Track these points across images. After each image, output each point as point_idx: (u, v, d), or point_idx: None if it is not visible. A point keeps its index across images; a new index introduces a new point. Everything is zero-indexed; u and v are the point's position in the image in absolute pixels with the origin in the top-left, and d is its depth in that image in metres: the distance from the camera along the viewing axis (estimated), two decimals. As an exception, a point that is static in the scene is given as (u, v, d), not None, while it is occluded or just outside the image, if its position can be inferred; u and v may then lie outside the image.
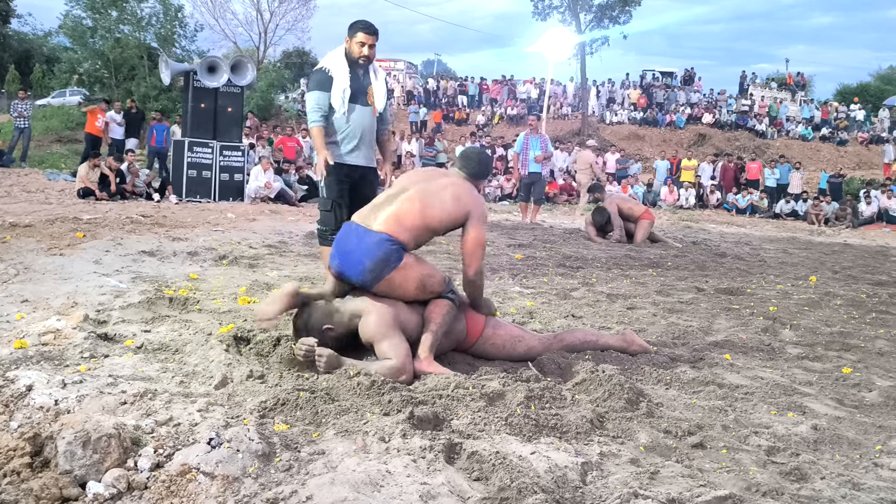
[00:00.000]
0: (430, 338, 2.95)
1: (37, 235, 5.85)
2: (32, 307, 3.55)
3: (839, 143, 27.90)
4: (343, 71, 4.30)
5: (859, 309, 5.03)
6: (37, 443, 1.95)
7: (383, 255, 2.94)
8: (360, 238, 2.99)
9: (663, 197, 18.21)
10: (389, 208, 3.05)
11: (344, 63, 4.33)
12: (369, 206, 3.16)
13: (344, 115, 4.32)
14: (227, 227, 7.76)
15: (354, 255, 2.97)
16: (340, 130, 4.36)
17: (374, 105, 4.42)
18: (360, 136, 4.37)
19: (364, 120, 4.39)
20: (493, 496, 1.84)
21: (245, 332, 3.16)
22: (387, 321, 2.88)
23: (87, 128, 15.14)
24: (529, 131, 10.92)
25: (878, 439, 2.50)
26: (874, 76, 46.59)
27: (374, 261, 2.94)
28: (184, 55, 25.76)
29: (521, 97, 29.55)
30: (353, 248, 2.99)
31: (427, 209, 3.04)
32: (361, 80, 4.37)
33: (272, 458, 1.98)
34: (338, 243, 3.10)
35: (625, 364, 3.16)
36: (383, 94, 4.47)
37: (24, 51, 35.40)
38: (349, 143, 4.37)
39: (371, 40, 4.29)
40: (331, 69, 4.33)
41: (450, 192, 3.11)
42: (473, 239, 3.11)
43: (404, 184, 3.18)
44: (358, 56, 4.30)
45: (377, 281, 2.96)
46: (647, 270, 6.36)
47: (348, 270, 3.00)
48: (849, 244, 11.42)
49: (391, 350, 2.81)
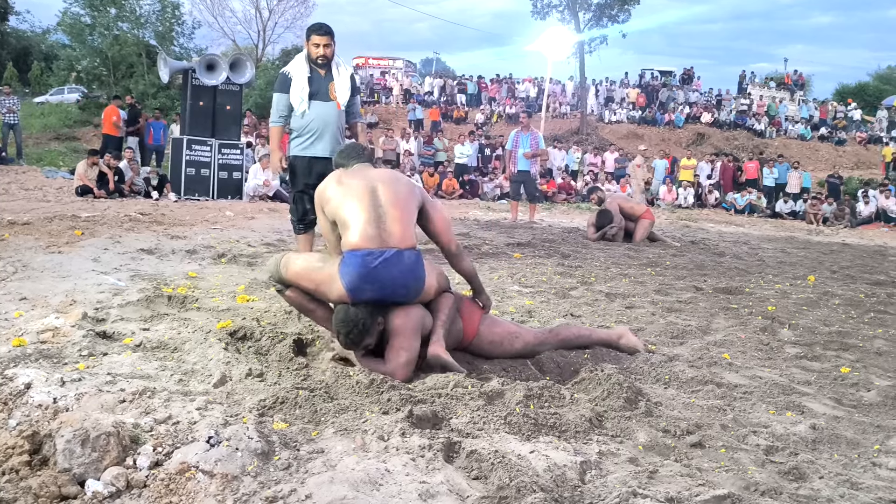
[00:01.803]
0: (440, 327, 2.95)
1: (35, 233, 5.84)
2: (31, 305, 3.55)
3: (838, 143, 27.94)
4: (302, 72, 4.80)
5: (858, 308, 5.04)
6: (35, 441, 1.94)
7: (420, 270, 2.91)
8: (393, 264, 2.82)
9: (662, 196, 18.23)
10: (389, 221, 2.90)
11: (304, 65, 4.82)
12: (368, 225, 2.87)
13: (304, 111, 4.79)
14: (225, 226, 7.75)
15: (398, 282, 2.85)
16: (303, 126, 4.85)
17: (336, 100, 4.86)
18: (322, 129, 4.84)
19: (326, 114, 4.85)
20: (491, 495, 1.84)
21: (244, 330, 3.16)
22: (411, 325, 2.85)
23: (105, 129, 14.82)
24: (520, 129, 10.81)
25: (876, 439, 2.50)
26: (873, 76, 46.68)
27: (417, 279, 2.90)
28: (182, 53, 25.75)
29: (520, 96, 29.54)
30: (392, 275, 2.82)
31: (407, 207, 2.98)
32: (323, 78, 4.84)
33: (271, 456, 1.98)
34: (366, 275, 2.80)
35: (624, 363, 3.17)
36: (346, 88, 4.90)
37: (23, 48, 35.32)
38: (311, 137, 4.85)
39: (324, 41, 4.77)
40: (290, 71, 4.83)
41: (403, 184, 3.07)
42: (441, 217, 3.13)
43: (361, 191, 2.94)
44: (315, 56, 4.79)
45: (418, 296, 2.93)
46: (645, 269, 6.36)
47: (390, 296, 2.87)
48: (847, 244, 11.43)
49: (396, 354, 2.79)
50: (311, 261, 3.00)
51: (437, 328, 2.95)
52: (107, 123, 14.77)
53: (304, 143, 4.86)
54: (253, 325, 3.25)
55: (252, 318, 3.50)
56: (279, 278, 3.00)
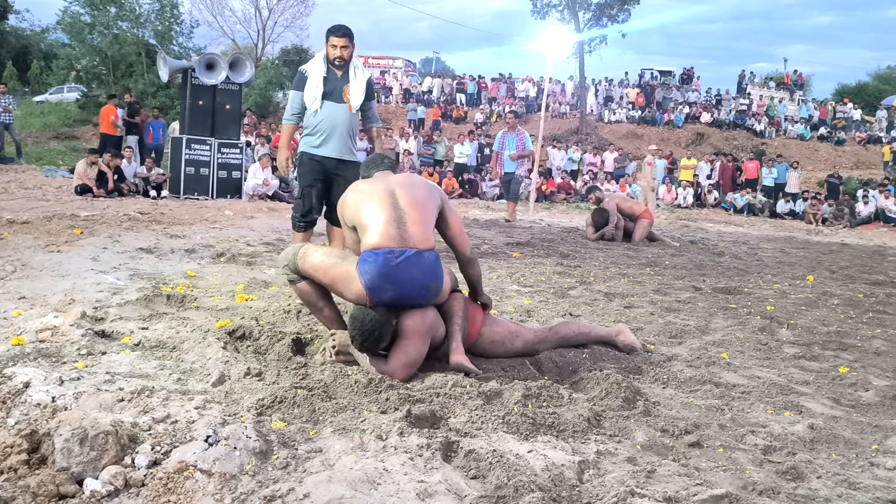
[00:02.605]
0: (458, 332, 2.95)
1: (34, 232, 5.83)
2: (30, 304, 3.55)
3: (837, 143, 27.94)
4: (318, 71, 4.81)
5: (856, 308, 5.04)
6: (34, 440, 1.95)
7: (440, 271, 2.89)
8: (413, 263, 2.80)
9: (661, 196, 18.23)
10: (409, 222, 2.88)
11: (321, 64, 4.83)
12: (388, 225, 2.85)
13: (316, 111, 4.80)
14: (224, 225, 7.75)
15: (418, 282, 2.82)
16: (313, 124, 4.85)
17: (348, 102, 4.87)
18: (332, 130, 4.84)
19: (336, 115, 4.85)
20: (489, 494, 1.84)
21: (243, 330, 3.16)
22: (424, 329, 2.83)
23: (102, 128, 14.84)
24: (507, 129, 10.67)
25: (874, 438, 2.51)
26: (872, 76, 46.70)
27: (437, 280, 2.88)
28: (182, 52, 25.73)
29: (520, 95, 29.54)
30: (413, 275, 2.80)
31: (427, 209, 2.98)
32: (339, 79, 4.86)
33: (269, 455, 1.98)
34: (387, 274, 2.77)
35: (622, 363, 3.17)
36: (361, 92, 4.91)
37: (22, 47, 35.28)
38: (320, 137, 4.86)
39: (342, 42, 4.79)
40: (308, 70, 4.84)
41: (421, 186, 3.07)
42: (458, 221, 3.15)
43: (379, 195, 2.94)
44: (333, 58, 4.81)
45: (435, 297, 2.92)
46: (644, 269, 6.37)
47: (409, 296, 2.83)
48: (846, 244, 11.44)
49: (400, 355, 2.77)
50: (331, 255, 2.96)
51: (454, 334, 2.94)
52: (104, 123, 14.75)
53: (313, 141, 4.88)
54: (252, 325, 3.26)
55: (251, 317, 3.50)
56: (295, 268, 2.96)
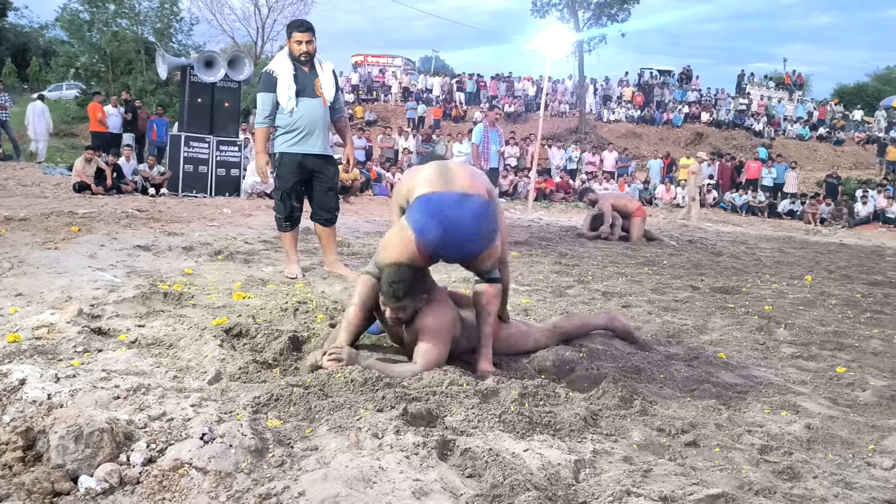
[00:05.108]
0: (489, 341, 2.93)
1: (32, 229, 5.82)
2: (26, 301, 3.54)
3: (836, 143, 27.95)
4: (287, 70, 4.73)
5: (854, 308, 5.05)
6: (29, 437, 1.94)
7: (493, 221, 2.79)
8: (461, 203, 2.69)
9: (659, 195, 18.25)
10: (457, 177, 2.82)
11: (287, 62, 4.75)
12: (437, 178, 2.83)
13: (293, 109, 4.72)
14: (222, 223, 7.74)
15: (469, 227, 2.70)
16: (290, 123, 4.77)
17: (323, 96, 4.81)
18: (311, 125, 4.78)
19: (314, 111, 4.78)
20: (485, 493, 1.84)
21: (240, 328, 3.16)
22: (445, 327, 2.81)
23: (91, 126, 14.80)
24: (488, 124, 10.15)
25: (871, 439, 2.51)
26: (872, 76, 46.73)
27: (490, 229, 2.77)
28: (181, 50, 25.70)
29: (519, 94, 29.54)
30: (460, 214, 2.69)
31: (475, 178, 2.93)
32: (308, 75, 4.78)
33: (265, 453, 1.97)
34: (429, 210, 2.71)
35: (619, 362, 3.17)
36: (331, 84, 4.86)
37: (21, 44, 35.26)
38: (300, 134, 4.75)
39: (306, 37, 4.71)
40: (275, 70, 4.75)
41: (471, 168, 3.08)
42: (503, 221, 3.07)
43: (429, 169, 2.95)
44: (298, 54, 4.72)
45: (484, 250, 2.79)
46: (642, 268, 6.37)
47: (458, 238, 2.71)
48: (845, 244, 11.45)
49: (425, 354, 2.75)
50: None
51: (486, 343, 2.94)
52: (92, 121, 14.73)
53: (292, 139, 4.77)
54: (248, 323, 3.25)
55: (248, 315, 3.50)
56: (377, 265, 2.90)
